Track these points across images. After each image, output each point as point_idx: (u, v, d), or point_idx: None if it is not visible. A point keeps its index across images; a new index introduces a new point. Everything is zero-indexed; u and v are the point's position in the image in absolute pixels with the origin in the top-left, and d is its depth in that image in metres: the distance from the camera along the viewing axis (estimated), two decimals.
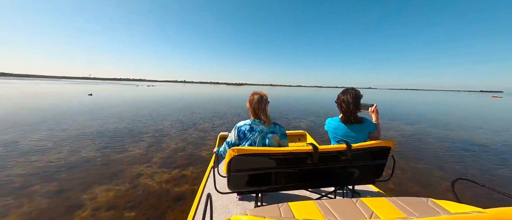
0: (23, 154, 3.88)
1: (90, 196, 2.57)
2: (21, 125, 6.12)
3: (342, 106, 1.60)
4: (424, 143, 5.64)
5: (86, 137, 5.14)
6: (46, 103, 11.53)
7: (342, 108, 1.61)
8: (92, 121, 7.12)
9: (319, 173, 1.40)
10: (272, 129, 1.54)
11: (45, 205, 2.37)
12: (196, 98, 19.81)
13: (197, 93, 28.92)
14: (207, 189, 2.05)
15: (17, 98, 13.26)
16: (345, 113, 1.58)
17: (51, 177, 3.03)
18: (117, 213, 2.27)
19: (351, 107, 1.54)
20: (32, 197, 2.51)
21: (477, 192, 2.95)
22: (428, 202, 0.98)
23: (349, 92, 1.57)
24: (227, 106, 13.27)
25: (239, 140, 1.54)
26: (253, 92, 1.60)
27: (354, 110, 1.55)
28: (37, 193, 2.60)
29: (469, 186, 3.00)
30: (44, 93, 18.53)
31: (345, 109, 1.57)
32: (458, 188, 2.95)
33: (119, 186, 2.82)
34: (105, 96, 18.36)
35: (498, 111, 15.87)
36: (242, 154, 1.19)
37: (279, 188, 1.44)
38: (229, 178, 1.28)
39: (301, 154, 1.26)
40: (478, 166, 4.09)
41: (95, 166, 3.45)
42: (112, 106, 11.27)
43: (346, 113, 1.58)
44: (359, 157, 1.41)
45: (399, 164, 3.96)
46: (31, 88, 26.44)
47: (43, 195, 2.55)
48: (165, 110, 10.75)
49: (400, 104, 19.61)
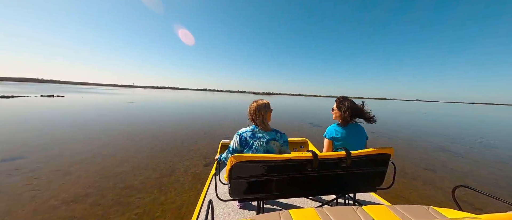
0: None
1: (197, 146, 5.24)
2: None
3: (342, 110, 1.69)
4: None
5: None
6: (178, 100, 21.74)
7: (342, 112, 1.68)
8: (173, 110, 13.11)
9: (320, 181, 1.39)
10: (274, 136, 1.55)
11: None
12: (225, 106, 20.37)
13: (227, 101, 30.79)
14: (208, 197, 2.02)
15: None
16: (345, 118, 1.66)
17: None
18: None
19: (350, 111, 1.64)
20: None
21: (481, 200, 2.95)
22: (429, 210, 0.98)
23: (348, 99, 1.72)
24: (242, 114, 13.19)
25: (241, 147, 1.54)
26: (255, 101, 1.64)
27: (353, 113, 1.65)
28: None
29: (474, 193, 2.98)
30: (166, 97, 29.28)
31: (346, 113, 1.65)
32: (462, 196, 2.98)
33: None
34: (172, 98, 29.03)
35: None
36: (243, 161, 1.18)
37: (280, 196, 1.44)
38: (230, 185, 1.27)
39: (301, 161, 1.25)
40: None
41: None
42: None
43: (345, 118, 1.66)
44: (359, 164, 1.39)
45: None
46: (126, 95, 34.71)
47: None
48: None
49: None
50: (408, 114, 21.67)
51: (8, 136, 5.46)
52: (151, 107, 15.01)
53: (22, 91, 30.71)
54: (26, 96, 20.08)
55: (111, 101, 19.89)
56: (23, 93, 25.44)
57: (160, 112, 12.44)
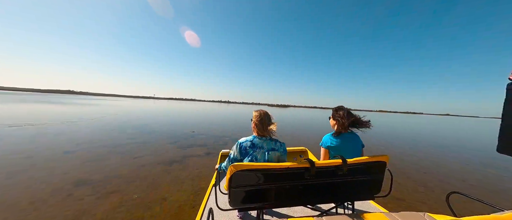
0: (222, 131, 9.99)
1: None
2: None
3: (337, 120, 1.73)
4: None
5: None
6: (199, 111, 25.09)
7: (338, 122, 1.72)
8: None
9: (318, 189, 1.40)
10: (273, 146, 1.57)
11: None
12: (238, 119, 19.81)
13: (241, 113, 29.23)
14: (208, 206, 2.05)
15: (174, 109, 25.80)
16: (342, 125, 1.70)
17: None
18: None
19: (345, 120, 1.69)
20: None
21: (476, 205, 3.04)
22: (425, 217, 1.00)
23: (343, 108, 1.78)
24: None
25: (241, 156, 1.56)
26: (256, 110, 1.69)
27: (348, 122, 1.68)
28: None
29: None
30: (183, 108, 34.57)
31: (341, 122, 1.70)
32: (455, 202, 3.20)
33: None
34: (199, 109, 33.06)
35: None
36: (243, 170, 1.20)
37: (279, 204, 1.44)
38: (230, 194, 1.27)
39: (299, 169, 1.27)
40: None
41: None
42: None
43: (342, 125, 1.70)
44: (355, 172, 1.41)
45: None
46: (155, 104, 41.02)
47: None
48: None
49: None
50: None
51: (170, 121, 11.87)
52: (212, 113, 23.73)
53: (82, 102, 35.40)
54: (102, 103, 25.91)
55: (176, 107, 32.35)
56: (94, 103, 34.10)
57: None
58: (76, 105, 26.61)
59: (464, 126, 32.91)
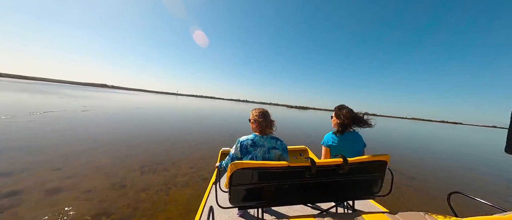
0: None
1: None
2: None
3: (341, 118, 1.70)
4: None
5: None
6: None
7: (341, 120, 1.70)
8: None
9: (319, 188, 1.40)
10: (274, 144, 1.57)
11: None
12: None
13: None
14: (208, 204, 2.04)
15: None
16: (344, 125, 1.69)
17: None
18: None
19: (349, 119, 1.67)
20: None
21: (478, 205, 3.12)
22: (426, 217, 1.00)
23: (345, 107, 1.76)
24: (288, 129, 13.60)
25: (242, 154, 1.56)
26: (255, 109, 1.68)
27: (351, 121, 1.68)
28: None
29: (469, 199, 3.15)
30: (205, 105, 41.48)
31: (344, 121, 1.68)
32: (456, 202, 3.10)
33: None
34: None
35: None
36: (243, 168, 1.20)
37: (279, 203, 1.43)
38: (230, 192, 1.27)
39: (300, 168, 1.27)
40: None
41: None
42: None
43: (344, 125, 1.69)
44: (356, 171, 1.40)
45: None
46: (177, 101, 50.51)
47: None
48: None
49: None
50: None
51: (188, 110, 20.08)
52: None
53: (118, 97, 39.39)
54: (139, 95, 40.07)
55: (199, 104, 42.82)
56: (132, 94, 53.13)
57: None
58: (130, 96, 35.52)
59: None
